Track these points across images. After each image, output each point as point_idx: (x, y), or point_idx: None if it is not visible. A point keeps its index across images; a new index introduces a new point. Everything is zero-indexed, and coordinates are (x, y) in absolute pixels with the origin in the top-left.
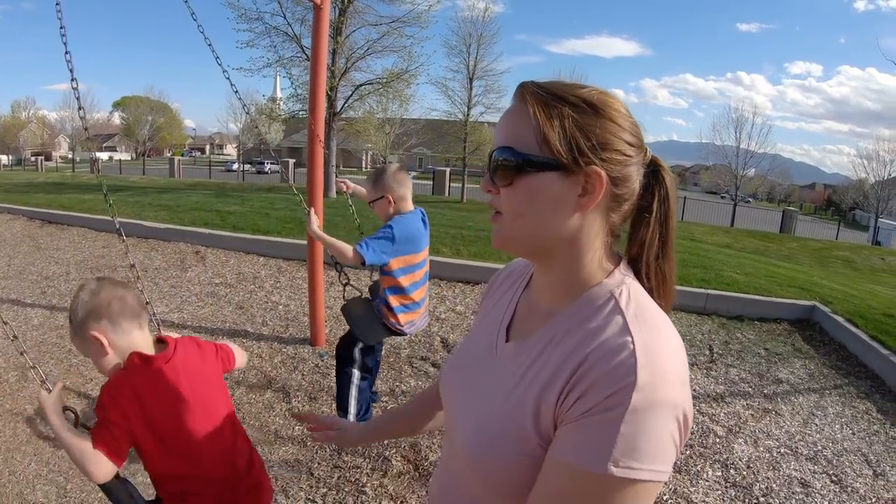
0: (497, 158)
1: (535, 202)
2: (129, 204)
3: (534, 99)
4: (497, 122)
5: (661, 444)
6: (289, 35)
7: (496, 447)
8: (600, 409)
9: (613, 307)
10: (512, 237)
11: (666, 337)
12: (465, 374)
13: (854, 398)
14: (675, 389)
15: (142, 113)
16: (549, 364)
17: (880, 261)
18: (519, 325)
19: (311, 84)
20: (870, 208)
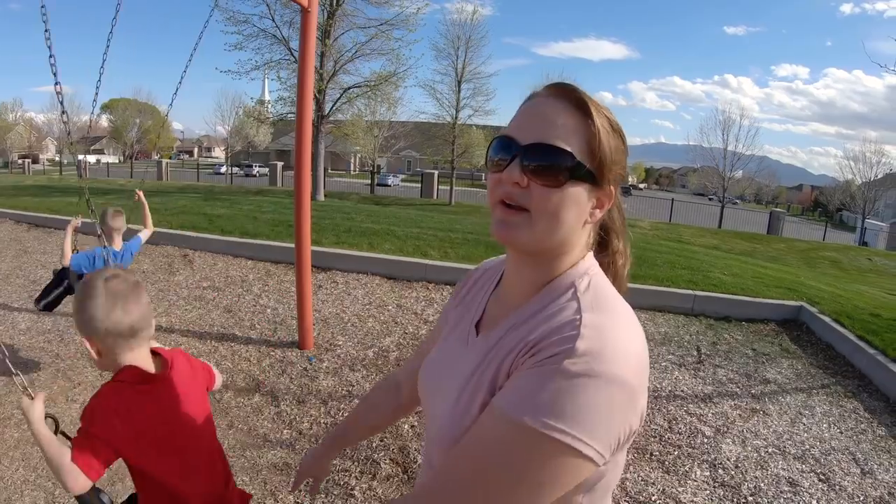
0: (549, 156)
1: (570, 209)
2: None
3: (591, 108)
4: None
5: (589, 413)
6: (277, 38)
7: (459, 431)
8: (536, 364)
9: (572, 295)
10: (538, 239)
11: (620, 321)
12: (441, 369)
13: (841, 397)
14: (619, 366)
15: (129, 115)
16: (506, 346)
17: (867, 261)
18: (489, 320)
19: (299, 87)
20: (857, 209)
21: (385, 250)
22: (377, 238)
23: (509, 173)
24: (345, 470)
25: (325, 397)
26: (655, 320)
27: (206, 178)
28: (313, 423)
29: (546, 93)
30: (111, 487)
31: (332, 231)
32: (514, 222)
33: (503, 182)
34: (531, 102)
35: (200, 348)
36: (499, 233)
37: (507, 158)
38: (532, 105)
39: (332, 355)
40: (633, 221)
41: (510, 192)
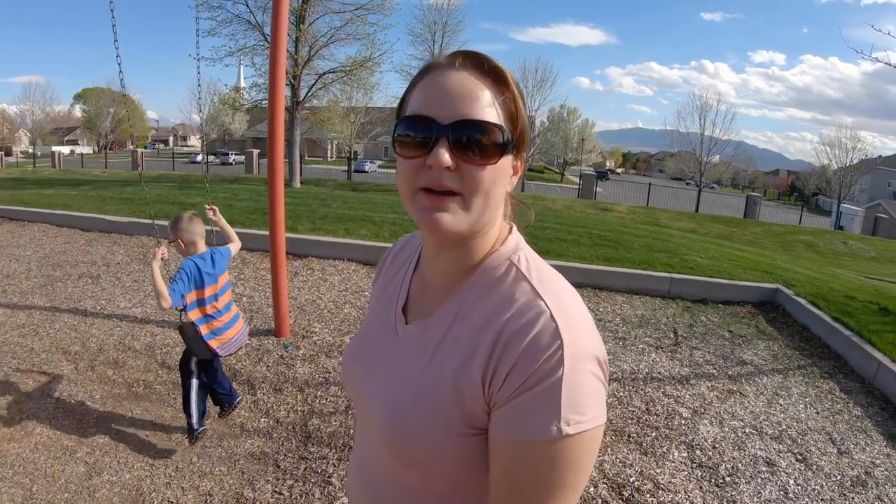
0: (481, 133)
1: (500, 184)
2: (90, 198)
3: (506, 75)
4: (445, 85)
5: (595, 391)
6: (251, 23)
7: (415, 429)
8: (536, 378)
9: (516, 274)
10: (473, 222)
11: (568, 292)
12: (369, 359)
13: (817, 378)
14: (589, 338)
15: (103, 105)
16: (459, 340)
17: (843, 245)
18: (416, 306)
19: (271, 71)
20: (832, 194)
21: (361, 236)
22: (353, 224)
23: (437, 157)
24: (322, 457)
25: (301, 385)
26: (632, 303)
27: (182, 166)
28: (290, 412)
29: (454, 62)
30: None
31: (308, 218)
32: (448, 209)
33: (427, 168)
34: (437, 74)
35: (176, 338)
36: (430, 223)
37: (427, 140)
38: (441, 77)
39: (308, 342)
40: (610, 206)
41: (438, 177)
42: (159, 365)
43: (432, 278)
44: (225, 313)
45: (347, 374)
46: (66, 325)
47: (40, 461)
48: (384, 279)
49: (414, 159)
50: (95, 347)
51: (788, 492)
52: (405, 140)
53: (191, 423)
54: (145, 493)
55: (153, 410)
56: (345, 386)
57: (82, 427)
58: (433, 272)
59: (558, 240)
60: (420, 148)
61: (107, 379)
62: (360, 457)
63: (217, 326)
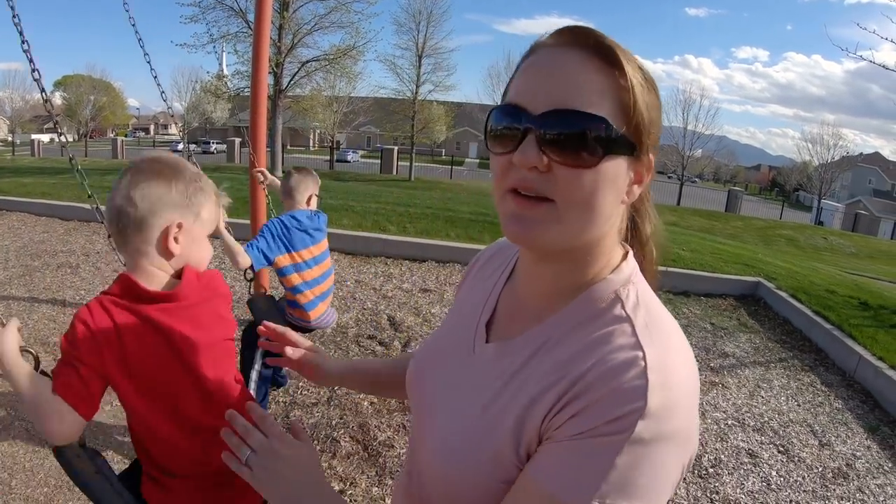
0: (575, 126)
1: (607, 192)
2: (70, 186)
3: (620, 57)
4: (542, 69)
5: (659, 482)
6: (234, 10)
7: (466, 466)
8: (597, 433)
9: (619, 312)
10: (569, 236)
11: (679, 352)
12: (438, 375)
13: (799, 371)
14: (687, 420)
15: (84, 92)
16: (537, 374)
17: (823, 240)
18: (501, 323)
19: (254, 57)
20: (813, 190)
21: (343, 226)
22: (335, 213)
23: (524, 155)
24: None
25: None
26: None
27: None
28: (272, 402)
29: (556, 41)
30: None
31: None
32: (535, 218)
33: (515, 166)
34: (538, 57)
35: None
36: (515, 232)
37: (516, 134)
38: (540, 60)
39: None
40: None
41: (526, 178)
42: None
43: (525, 296)
44: (320, 283)
45: (411, 379)
46: (45, 315)
47: (19, 455)
48: (471, 284)
49: (504, 155)
50: None
51: (771, 483)
52: (496, 133)
53: None
54: None
55: None
56: (407, 392)
57: None
58: (527, 289)
59: None
60: (510, 142)
61: None
62: (409, 467)
63: (306, 300)
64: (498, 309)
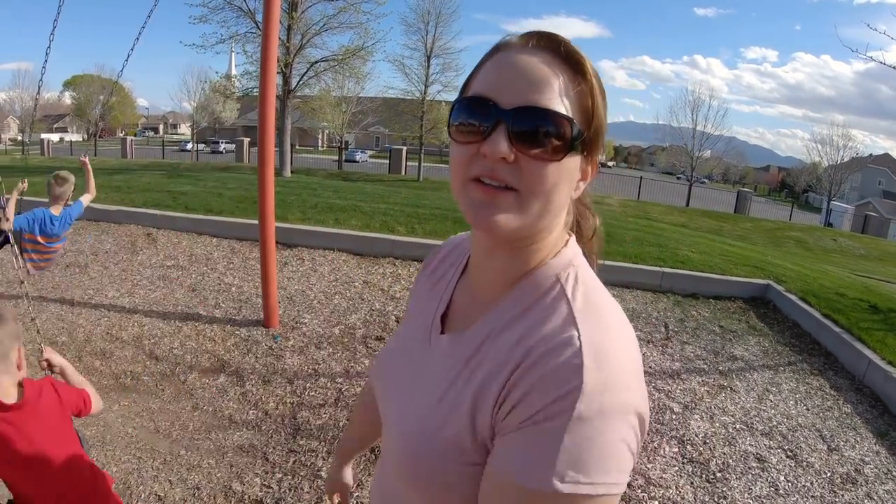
0: (546, 123)
1: (564, 186)
2: (78, 186)
3: (585, 64)
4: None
5: (613, 453)
6: (243, 10)
7: (430, 454)
8: (540, 418)
9: (559, 293)
10: (528, 224)
11: (617, 329)
12: (399, 369)
13: (808, 375)
14: (627, 392)
15: (93, 92)
16: (486, 361)
17: (832, 242)
18: (455, 316)
19: (262, 58)
20: (822, 191)
21: (351, 226)
22: (344, 214)
23: (493, 146)
24: (311, 450)
25: (290, 376)
26: (624, 297)
27: (173, 154)
28: (279, 403)
29: (526, 43)
30: None
31: (298, 207)
32: (500, 205)
33: (483, 156)
34: (507, 55)
35: (164, 329)
36: (479, 219)
37: (486, 126)
38: (510, 58)
39: (297, 333)
40: (601, 199)
41: (492, 168)
42: (147, 356)
43: (477, 287)
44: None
45: (376, 380)
46: (53, 314)
47: None
48: (428, 282)
49: (468, 145)
50: (82, 338)
51: (779, 488)
52: (462, 123)
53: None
54: (132, 487)
55: (141, 402)
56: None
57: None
58: (480, 280)
59: None
60: (477, 133)
61: (94, 370)
62: (381, 473)
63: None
64: (453, 302)
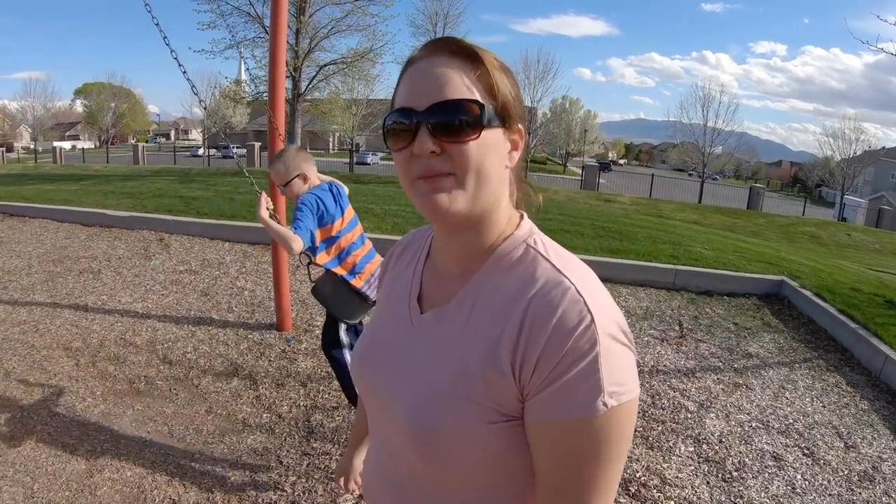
0: (455, 111)
1: (493, 157)
2: (91, 193)
3: (476, 51)
4: (418, 75)
5: (628, 360)
6: (251, 15)
7: (443, 422)
8: (573, 358)
9: (535, 255)
10: (472, 199)
11: (586, 269)
12: (384, 354)
13: (824, 371)
14: (613, 309)
15: (104, 100)
16: (482, 326)
17: (846, 237)
18: (430, 296)
19: (271, 62)
20: (835, 185)
21: (364, 228)
22: None
23: (420, 145)
24: (325, 453)
25: (304, 379)
26: (637, 295)
27: (183, 160)
28: (293, 406)
29: (424, 53)
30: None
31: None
32: (444, 187)
33: (416, 157)
34: (414, 67)
35: (178, 333)
36: (429, 206)
37: (409, 130)
38: (417, 69)
39: (310, 336)
40: (613, 197)
41: (427, 165)
42: (161, 360)
43: (446, 266)
44: (360, 246)
45: (360, 373)
46: (67, 320)
47: (41, 459)
48: (392, 275)
49: (403, 150)
50: (96, 343)
51: (796, 487)
52: (392, 133)
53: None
54: (147, 491)
55: (155, 407)
56: (357, 385)
57: (83, 424)
58: (446, 260)
59: (562, 231)
60: (406, 139)
61: (108, 375)
62: (380, 455)
63: (354, 263)
64: (423, 285)
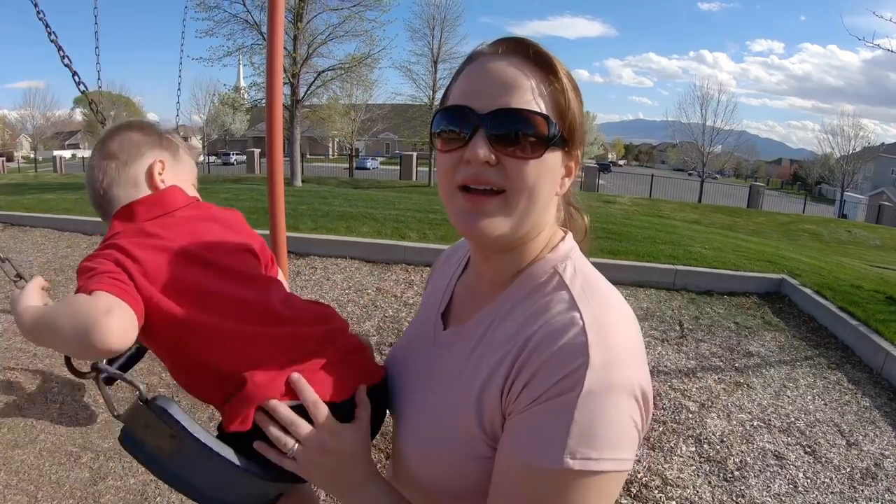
0: (521, 123)
1: (547, 181)
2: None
3: (555, 63)
4: (485, 73)
5: (621, 429)
6: (249, 22)
7: (438, 445)
8: (550, 395)
9: (558, 283)
10: (517, 224)
11: (618, 311)
12: (407, 367)
13: (825, 369)
14: (630, 368)
15: (104, 108)
16: (489, 350)
17: (847, 233)
18: (457, 311)
19: (268, 68)
20: (835, 182)
21: (363, 234)
22: (355, 222)
23: (474, 150)
24: None
25: None
26: (637, 295)
27: None
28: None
29: (497, 49)
30: None
31: (310, 216)
32: (488, 210)
33: (467, 162)
34: (479, 63)
35: None
36: (467, 227)
37: (465, 133)
38: (482, 66)
39: None
40: (613, 198)
41: (477, 173)
42: (162, 368)
43: (477, 284)
44: None
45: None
46: None
47: (45, 467)
48: (433, 284)
49: (452, 153)
50: None
51: (798, 485)
52: (443, 132)
53: None
54: (150, 498)
55: None
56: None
57: (86, 432)
58: (479, 278)
59: None
60: (458, 141)
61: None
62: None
63: None
64: (453, 299)
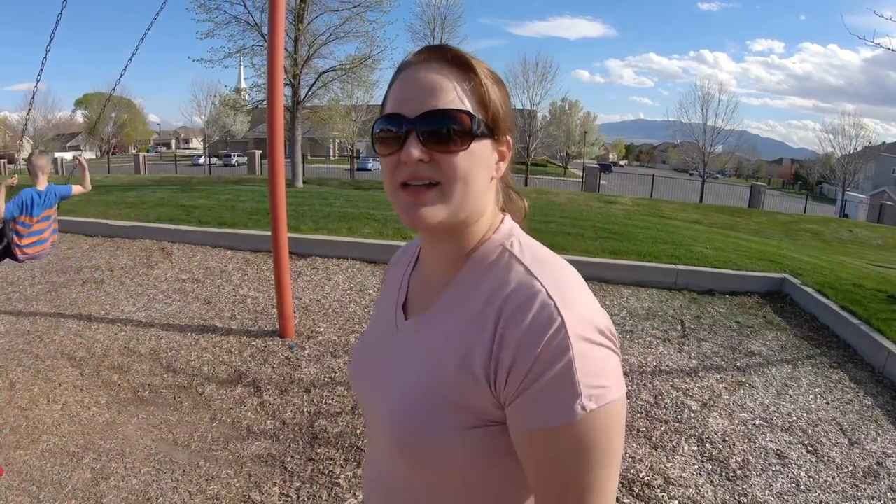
0: (447, 120)
1: (480, 168)
2: (93, 203)
3: (470, 61)
4: (410, 81)
5: (608, 361)
6: (249, 24)
7: (423, 428)
8: (544, 363)
9: (509, 258)
10: (455, 210)
11: (567, 270)
12: (374, 358)
13: (827, 368)
14: (590, 310)
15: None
16: (458, 331)
17: (848, 233)
18: (415, 302)
19: (269, 69)
20: (836, 182)
21: (364, 234)
22: (356, 222)
23: (409, 152)
24: (329, 458)
25: (307, 385)
26: (639, 295)
27: (185, 169)
28: (296, 412)
29: (418, 59)
30: None
31: (311, 217)
32: (426, 201)
33: (403, 164)
34: (406, 73)
35: (181, 341)
36: (412, 218)
37: (398, 137)
38: (409, 75)
39: (313, 342)
40: (614, 198)
41: (413, 171)
42: (165, 368)
43: (430, 274)
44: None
45: (353, 378)
46: (71, 330)
47: (47, 468)
48: (386, 284)
49: (391, 156)
50: (100, 352)
51: (800, 484)
52: (382, 138)
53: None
54: (152, 498)
55: (159, 415)
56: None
57: (88, 433)
58: (430, 267)
59: (562, 233)
60: (395, 145)
61: (112, 384)
62: (373, 461)
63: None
64: (409, 292)
